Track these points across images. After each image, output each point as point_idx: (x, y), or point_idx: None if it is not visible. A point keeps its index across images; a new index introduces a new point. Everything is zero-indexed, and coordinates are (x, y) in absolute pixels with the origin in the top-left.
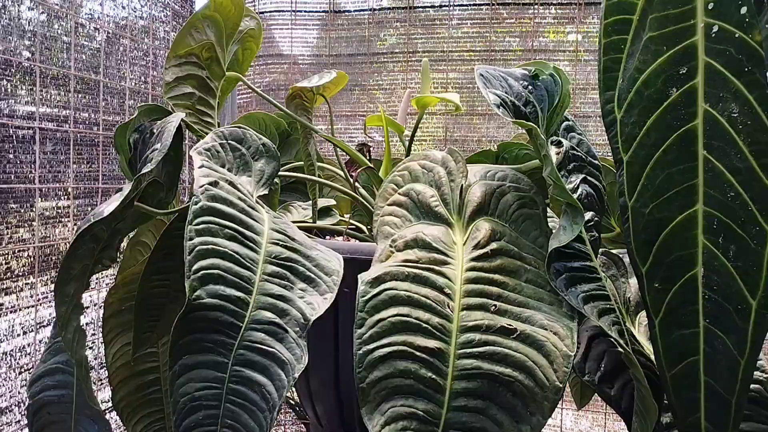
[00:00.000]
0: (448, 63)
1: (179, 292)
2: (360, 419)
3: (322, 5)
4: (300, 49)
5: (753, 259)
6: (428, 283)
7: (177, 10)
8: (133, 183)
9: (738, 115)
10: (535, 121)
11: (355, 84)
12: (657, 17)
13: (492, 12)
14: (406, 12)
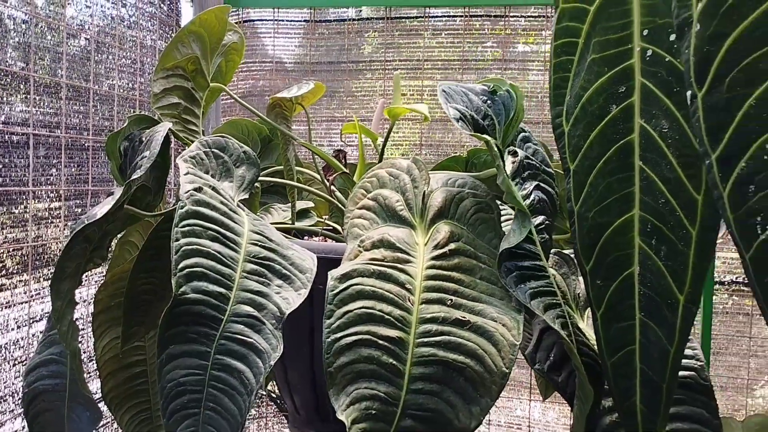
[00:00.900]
0: (423, 71)
1: (165, 290)
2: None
3: (303, 15)
4: (282, 56)
5: (681, 259)
6: (392, 279)
7: (163, 19)
8: (123, 188)
9: (668, 130)
10: (493, 133)
11: (335, 90)
12: (599, 41)
13: (466, 23)
14: (384, 22)
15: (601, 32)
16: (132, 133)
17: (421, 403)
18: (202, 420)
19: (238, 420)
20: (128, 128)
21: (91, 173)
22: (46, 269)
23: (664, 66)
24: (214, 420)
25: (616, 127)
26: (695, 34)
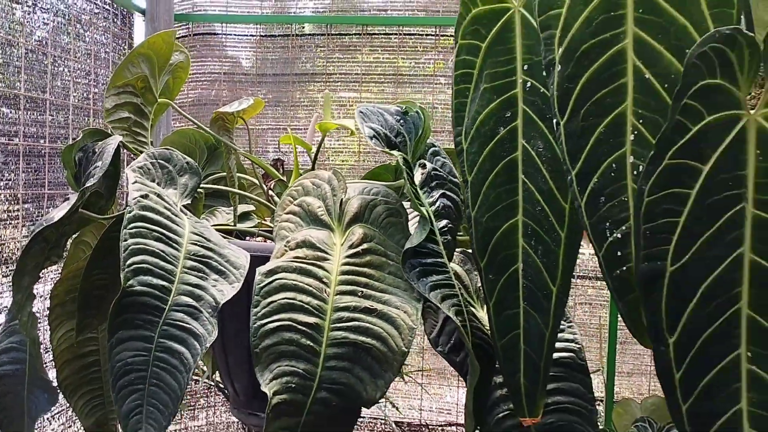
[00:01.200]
0: (362, 84)
1: (117, 285)
2: None
3: (249, 30)
4: (230, 67)
5: (553, 257)
6: (311, 274)
7: (117, 33)
8: (78, 194)
9: (543, 149)
10: (405, 148)
11: (279, 100)
12: (490, 73)
13: (400, 41)
14: (325, 38)
15: (491, 66)
16: (86, 144)
17: (335, 378)
18: (147, 394)
19: (178, 394)
20: (82, 140)
21: (48, 178)
22: (4, 266)
23: (540, 96)
24: (157, 394)
25: (503, 146)
26: (557, 74)
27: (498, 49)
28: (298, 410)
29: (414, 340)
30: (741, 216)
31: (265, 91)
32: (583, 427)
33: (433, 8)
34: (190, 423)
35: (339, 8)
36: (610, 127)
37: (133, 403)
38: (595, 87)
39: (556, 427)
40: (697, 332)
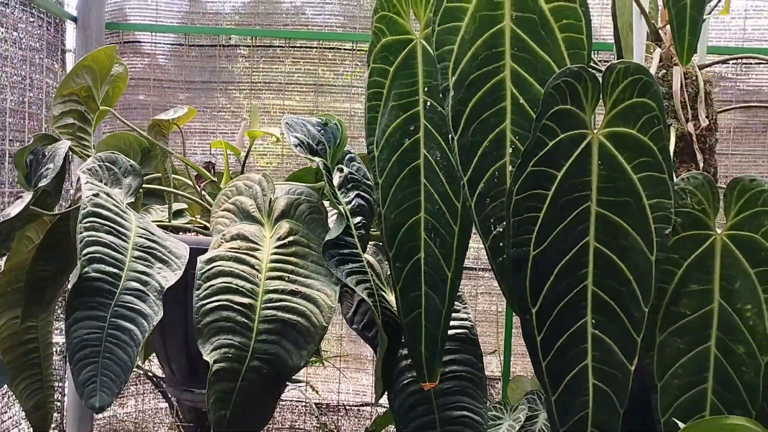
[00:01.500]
0: (284, 92)
1: (61, 276)
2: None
3: (178, 39)
4: (160, 74)
5: (448, 247)
6: (245, 262)
7: (50, 40)
8: (33, 193)
9: (440, 158)
10: (325, 155)
11: (206, 106)
12: (397, 92)
13: (320, 54)
14: (250, 49)
15: (398, 86)
16: (36, 148)
17: (266, 349)
18: (101, 366)
19: (128, 365)
20: (33, 144)
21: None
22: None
23: (438, 114)
24: (109, 366)
25: (408, 154)
26: (451, 98)
27: (403, 73)
28: (235, 376)
29: (332, 327)
30: (587, 212)
31: (192, 97)
32: (474, 391)
33: (351, 25)
34: (119, 410)
35: (264, 22)
36: (494, 142)
37: (89, 374)
38: (481, 109)
39: (452, 390)
40: (554, 304)
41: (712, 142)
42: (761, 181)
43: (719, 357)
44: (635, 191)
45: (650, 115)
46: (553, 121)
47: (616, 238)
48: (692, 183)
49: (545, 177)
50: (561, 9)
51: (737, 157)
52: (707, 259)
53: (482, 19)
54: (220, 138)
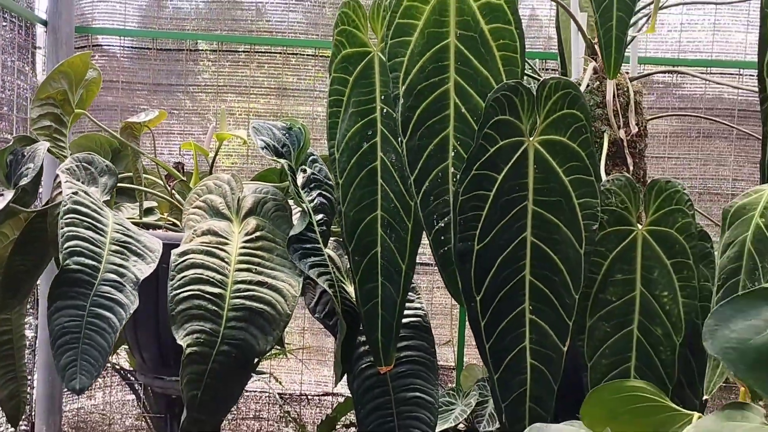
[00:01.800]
0: (249, 95)
1: (37, 270)
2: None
3: (146, 43)
4: (128, 76)
5: (402, 242)
6: (215, 255)
7: (21, 44)
8: (15, 191)
9: (395, 160)
10: (289, 156)
11: (173, 108)
12: (356, 100)
13: (284, 59)
14: (216, 54)
15: (357, 95)
16: (16, 149)
17: (234, 335)
18: (81, 351)
19: (106, 351)
20: (13, 145)
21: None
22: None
23: (392, 119)
24: (89, 351)
25: (366, 156)
26: (401, 105)
27: (362, 82)
28: (206, 359)
29: (296, 321)
30: (524, 210)
31: (159, 99)
32: (426, 374)
33: (314, 32)
34: (88, 402)
35: (229, 28)
36: (438, 146)
37: (70, 359)
38: (428, 116)
39: (406, 374)
40: (495, 292)
41: (641, 147)
42: (675, 182)
43: (641, 338)
44: (566, 192)
45: (578, 125)
46: (494, 129)
47: (550, 234)
48: (616, 184)
49: (487, 179)
50: (499, 30)
51: (673, 161)
52: (630, 252)
53: (430, 35)
54: (186, 139)
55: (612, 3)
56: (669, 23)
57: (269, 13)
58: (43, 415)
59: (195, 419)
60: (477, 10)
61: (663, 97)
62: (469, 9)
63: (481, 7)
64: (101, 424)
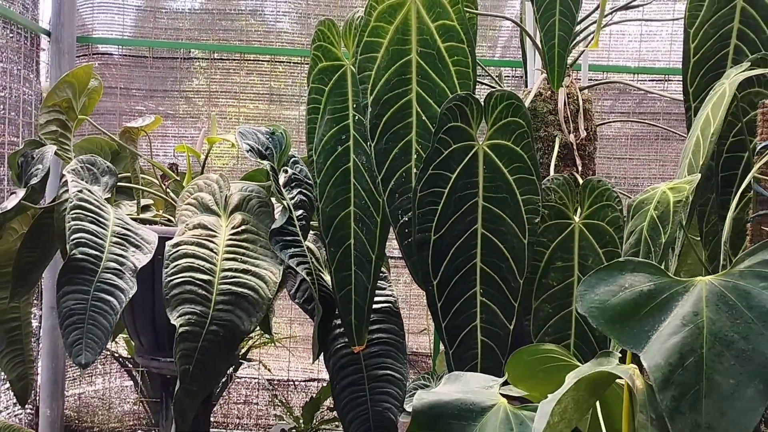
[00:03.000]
0: (239, 100)
1: (42, 261)
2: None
3: (142, 51)
4: (126, 83)
5: (372, 234)
6: (205, 246)
7: (27, 53)
8: (27, 189)
9: (366, 162)
10: (272, 158)
11: (168, 113)
12: (331, 108)
13: (272, 67)
14: (208, 62)
15: (332, 103)
16: (26, 151)
17: (222, 317)
18: (86, 330)
19: (108, 330)
20: (24, 149)
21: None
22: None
23: (363, 126)
24: (93, 330)
25: (340, 159)
26: (369, 113)
27: (336, 92)
28: (197, 337)
29: (283, 311)
30: (475, 205)
31: (155, 104)
32: (396, 354)
33: (299, 42)
34: (88, 388)
35: (221, 38)
36: (402, 149)
37: (76, 337)
38: (393, 123)
39: (377, 353)
40: (450, 277)
41: (591, 149)
42: (605, 181)
43: (578, 318)
44: (511, 189)
45: (521, 131)
46: (448, 134)
47: (498, 226)
48: (555, 183)
49: (442, 178)
50: (454, 48)
51: (634, 161)
52: (568, 242)
53: (394, 52)
54: (179, 141)
55: (554, 23)
56: (630, 34)
57: (258, 24)
58: (47, 400)
59: (187, 390)
60: (435, 30)
61: (624, 102)
62: (428, 29)
63: (438, 28)
64: (101, 408)
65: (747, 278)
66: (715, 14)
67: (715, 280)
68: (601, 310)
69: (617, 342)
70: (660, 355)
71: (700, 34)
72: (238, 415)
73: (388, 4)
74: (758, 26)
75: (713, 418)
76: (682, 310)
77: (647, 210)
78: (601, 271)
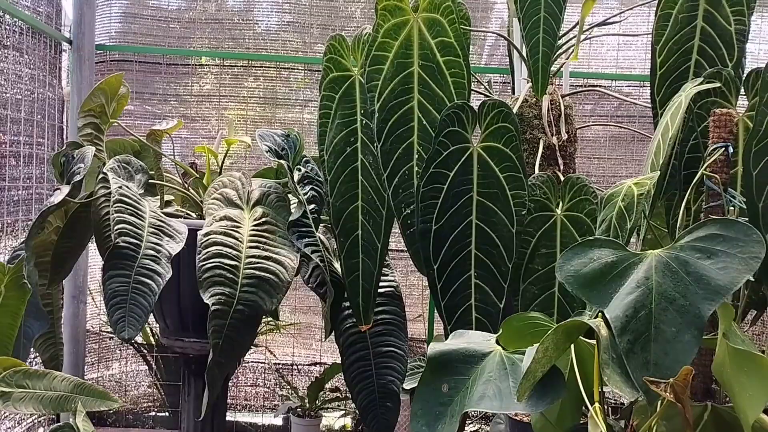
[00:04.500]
0: (248, 105)
1: (77, 250)
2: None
3: (156, 58)
4: (141, 88)
5: (378, 226)
6: (231, 235)
7: (51, 61)
8: (71, 186)
9: (372, 161)
10: (288, 158)
11: (181, 115)
12: (341, 113)
13: (277, 73)
14: (219, 68)
15: (342, 108)
16: (67, 152)
17: (247, 297)
18: (128, 309)
19: (148, 309)
20: (65, 150)
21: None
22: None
23: (370, 129)
24: (134, 309)
25: (349, 158)
26: (377, 118)
27: (346, 99)
28: (226, 314)
29: (287, 301)
30: (470, 199)
31: (169, 107)
32: (398, 332)
33: (303, 50)
34: (106, 372)
35: (230, 46)
36: (405, 150)
37: (120, 315)
38: (397, 127)
39: (381, 332)
40: (448, 262)
41: (571, 150)
42: (584, 178)
43: (560, 298)
44: (501, 185)
45: (510, 134)
46: (447, 138)
47: (489, 217)
48: (540, 180)
49: (442, 175)
50: (451, 61)
51: (612, 161)
52: (551, 231)
53: (399, 65)
54: (191, 141)
55: (539, 40)
56: (608, 43)
57: (264, 33)
58: None
59: (217, 362)
60: (434, 46)
61: (603, 105)
62: (429, 45)
63: (437, 44)
64: (117, 391)
65: (686, 251)
66: (679, 32)
67: (662, 253)
68: (575, 278)
69: (588, 301)
70: (619, 310)
71: (666, 49)
72: (246, 397)
73: (393, 23)
74: (716, 43)
75: (659, 357)
76: (636, 276)
77: (616, 202)
78: (576, 247)
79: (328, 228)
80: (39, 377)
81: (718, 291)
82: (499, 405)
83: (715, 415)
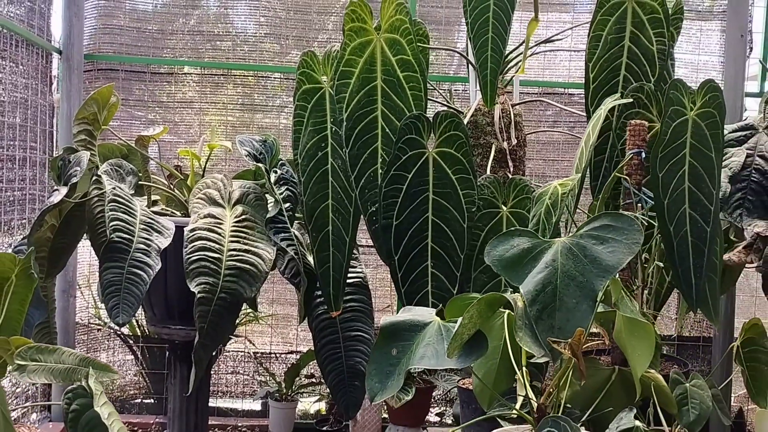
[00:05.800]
0: (228, 111)
1: (72, 246)
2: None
3: (141, 67)
4: (125, 96)
5: (346, 222)
6: (214, 231)
7: (42, 70)
8: (69, 187)
9: (341, 164)
10: (265, 162)
11: (164, 121)
12: (313, 120)
13: (255, 81)
14: (200, 77)
15: (313, 117)
16: (64, 156)
17: (228, 287)
18: (122, 297)
19: (140, 298)
20: (62, 154)
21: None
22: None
23: (339, 136)
24: (127, 297)
25: (321, 162)
26: (345, 126)
27: (317, 108)
28: (210, 301)
29: (266, 293)
30: (426, 198)
31: (153, 114)
32: (365, 319)
33: (279, 59)
34: None
35: (211, 56)
36: (370, 155)
37: (115, 302)
38: (363, 134)
39: (350, 318)
40: (408, 253)
41: (521, 154)
42: (525, 180)
43: (508, 283)
44: (454, 185)
45: (461, 141)
46: (405, 144)
47: (444, 213)
48: (488, 181)
49: (401, 177)
50: (410, 76)
51: (565, 163)
52: (498, 226)
53: (364, 79)
54: (174, 145)
55: (487, 58)
56: (560, 55)
57: (242, 43)
58: None
59: (202, 343)
60: (395, 62)
61: (558, 113)
62: (390, 62)
63: (398, 61)
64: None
65: (584, 238)
66: (608, 51)
67: (567, 240)
68: (500, 261)
69: (509, 280)
70: (531, 285)
71: (597, 66)
72: (226, 384)
73: (359, 42)
74: (641, 61)
75: (562, 323)
76: (545, 258)
77: (544, 199)
78: (501, 236)
79: (301, 224)
80: (50, 352)
81: (608, 270)
82: (435, 362)
83: (621, 376)
